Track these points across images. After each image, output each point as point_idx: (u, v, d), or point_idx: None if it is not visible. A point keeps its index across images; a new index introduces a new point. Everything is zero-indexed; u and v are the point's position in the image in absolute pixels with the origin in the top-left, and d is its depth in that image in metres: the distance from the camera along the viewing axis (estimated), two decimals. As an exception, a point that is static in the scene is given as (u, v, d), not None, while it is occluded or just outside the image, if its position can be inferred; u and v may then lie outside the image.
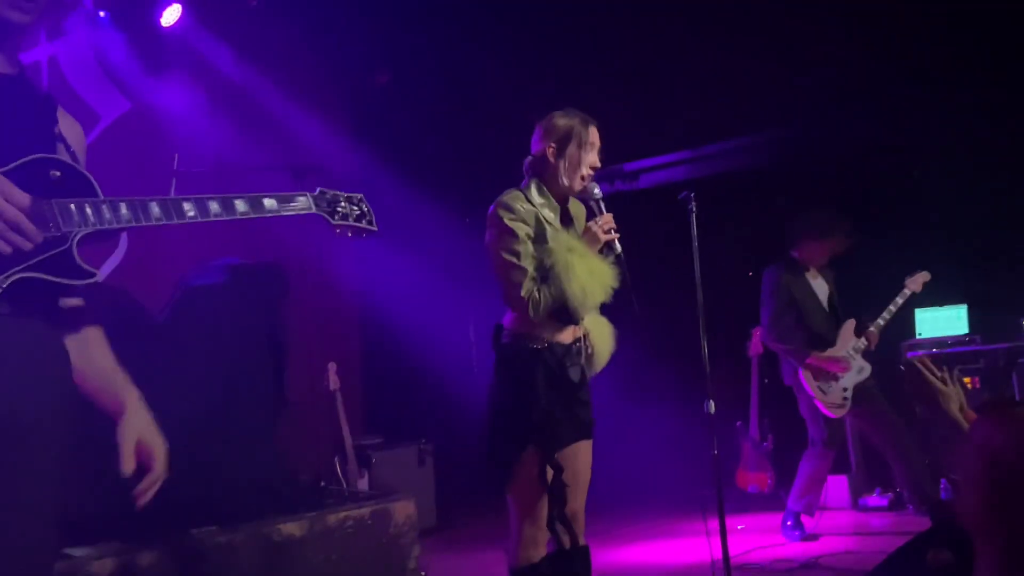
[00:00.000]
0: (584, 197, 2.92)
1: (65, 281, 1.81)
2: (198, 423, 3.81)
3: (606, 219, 2.87)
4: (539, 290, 2.75)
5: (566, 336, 2.85)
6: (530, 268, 2.77)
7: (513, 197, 2.86)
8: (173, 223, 1.87)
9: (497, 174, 3.11)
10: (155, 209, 1.86)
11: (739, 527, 5.50)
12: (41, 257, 1.75)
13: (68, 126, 2.02)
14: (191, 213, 1.89)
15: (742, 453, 6.37)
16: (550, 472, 2.73)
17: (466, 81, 7.25)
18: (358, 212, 2.23)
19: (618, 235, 2.88)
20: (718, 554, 3.57)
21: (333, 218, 2.16)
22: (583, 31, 6.77)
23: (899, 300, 5.37)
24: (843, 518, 5.68)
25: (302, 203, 2.10)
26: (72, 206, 1.80)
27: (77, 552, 3.09)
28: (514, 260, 2.77)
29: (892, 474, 5.42)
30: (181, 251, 6.13)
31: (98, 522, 3.32)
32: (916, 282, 5.41)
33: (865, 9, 5.92)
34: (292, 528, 3.67)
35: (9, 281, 1.70)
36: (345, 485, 5.50)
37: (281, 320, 4.38)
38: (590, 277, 2.79)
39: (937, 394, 2.03)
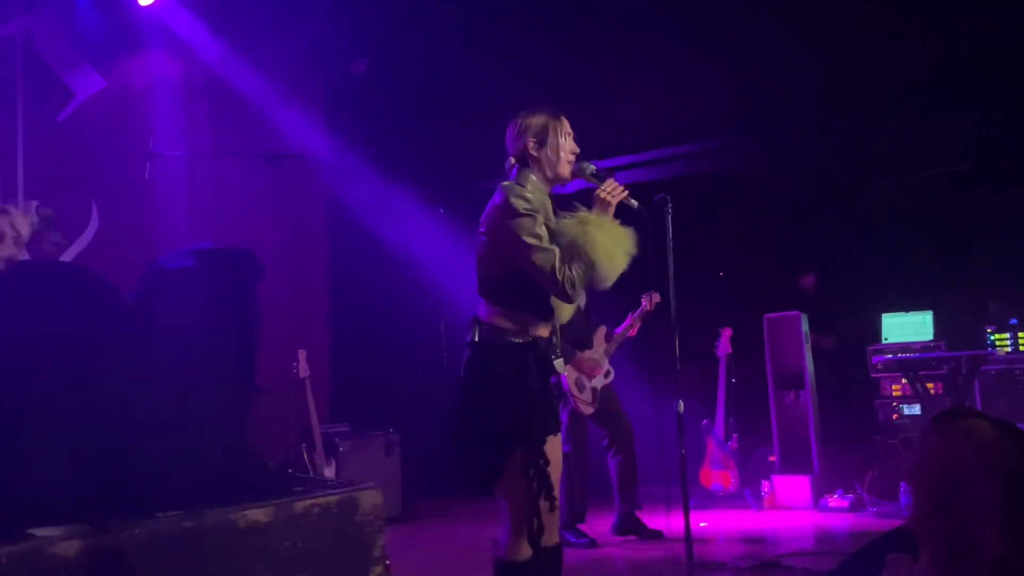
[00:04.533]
0: (580, 178, 2.92)
1: None
2: (165, 406, 3.80)
3: (609, 183, 2.85)
4: (570, 268, 2.70)
5: (543, 330, 2.85)
6: (556, 249, 2.73)
7: (520, 188, 2.82)
8: None
9: (472, 165, 3.12)
10: None
11: (701, 524, 5.57)
12: None
13: None
14: None
15: (707, 451, 6.44)
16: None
17: (441, 73, 7.25)
18: None
19: (627, 193, 2.85)
20: (681, 551, 3.62)
21: None
22: (559, 29, 6.79)
23: (635, 315, 5.50)
24: (805, 518, 5.77)
25: None
26: None
27: (41, 532, 3.07)
28: (538, 242, 2.71)
29: (853, 476, 5.51)
30: (153, 236, 6.08)
31: (64, 503, 3.30)
32: (650, 300, 5.48)
33: (839, 15, 6.00)
34: (258, 514, 3.66)
35: None
36: (312, 473, 5.49)
37: (251, 306, 4.35)
38: (614, 244, 2.75)
39: None
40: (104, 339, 3.71)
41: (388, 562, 4.39)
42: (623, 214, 2.86)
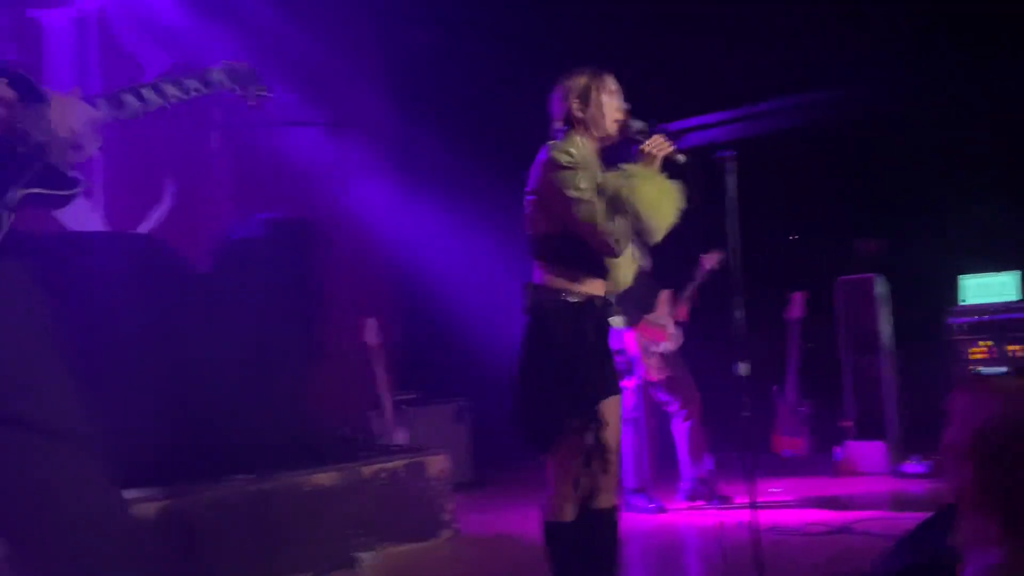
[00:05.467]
0: (628, 136, 2.87)
1: (62, 192, 1.89)
2: (236, 373, 3.90)
3: (656, 139, 2.79)
4: (613, 220, 2.66)
5: (598, 288, 2.82)
6: (600, 203, 2.70)
7: (566, 142, 2.79)
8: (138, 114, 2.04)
9: (538, 128, 3.08)
10: (102, 106, 1.97)
11: (772, 490, 5.50)
12: (32, 174, 1.82)
13: None
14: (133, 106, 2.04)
15: (778, 417, 6.34)
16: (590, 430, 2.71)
17: (505, 36, 7.18)
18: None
19: (673, 147, 2.80)
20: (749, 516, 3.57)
21: (243, 88, 2.31)
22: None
23: (699, 276, 5.41)
24: (880, 483, 5.65)
25: (218, 77, 2.24)
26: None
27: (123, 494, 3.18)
28: (582, 195, 2.67)
29: (931, 441, 5.35)
30: (223, 206, 6.21)
31: (141, 466, 3.42)
32: (710, 260, 5.39)
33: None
34: (325, 478, 3.74)
35: (20, 196, 1.79)
36: (381, 439, 5.58)
37: (319, 274, 4.44)
38: (660, 196, 2.71)
39: None
40: (176, 308, 3.83)
41: (457, 526, 4.45)
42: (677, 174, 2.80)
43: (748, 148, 3.75)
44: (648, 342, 5.25)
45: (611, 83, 2.88)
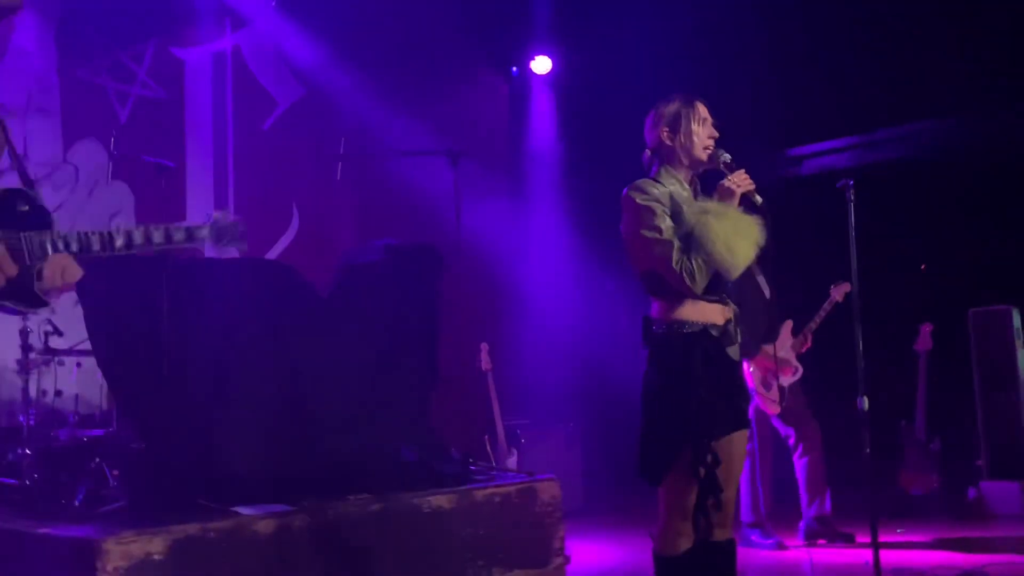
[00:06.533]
0: (714, 166, 2.87)
1: (26, 309, 2.17)
2: (355, 394, 4.00)
3: (738, 174, 2.78)
4: (689, 259, 2.67)
5: (718, 317, 2.79)
6: (675, 241, 2.71)
7: (643, 182, 2.84)
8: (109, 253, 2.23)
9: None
10: (95, 242, 2.21)
11: (898, 530, 5.27)
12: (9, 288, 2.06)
13: None
14: (119, 243, 2.23)
15: (905, 453, 6.08)
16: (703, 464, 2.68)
17: (623, 65, 7.18)
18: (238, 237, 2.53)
19: (753, 186, 2.78)
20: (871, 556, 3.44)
21: (219, 243, 2.48)
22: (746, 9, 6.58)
23: (826, 307, 5.22)
24: (1014, 527, 5.34)
25: (204, 234, 2.43)
26: (43, 240, 2.12)
27: (244, 511, 3.31)
28: (656, 235, 2.71)
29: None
30: (347, 232, 6.43)
31: (264, 484, 3.55)
32: (839, 291, 5.16)
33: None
34: (441, 500, 3.79)
35: None
36: (494, 463, 5.62)
37: (436, 299, 4.51)
38: (734, 233, 2.69)
39: None
40: (301, 330, 3.97)
41: (568, 554, 4.43)
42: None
43: (877, 175, 3.65)
44: (769, 374, 5.12)
45: (702, 110, 2.88)
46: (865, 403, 3.32)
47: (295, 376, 3.87)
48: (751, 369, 5.05)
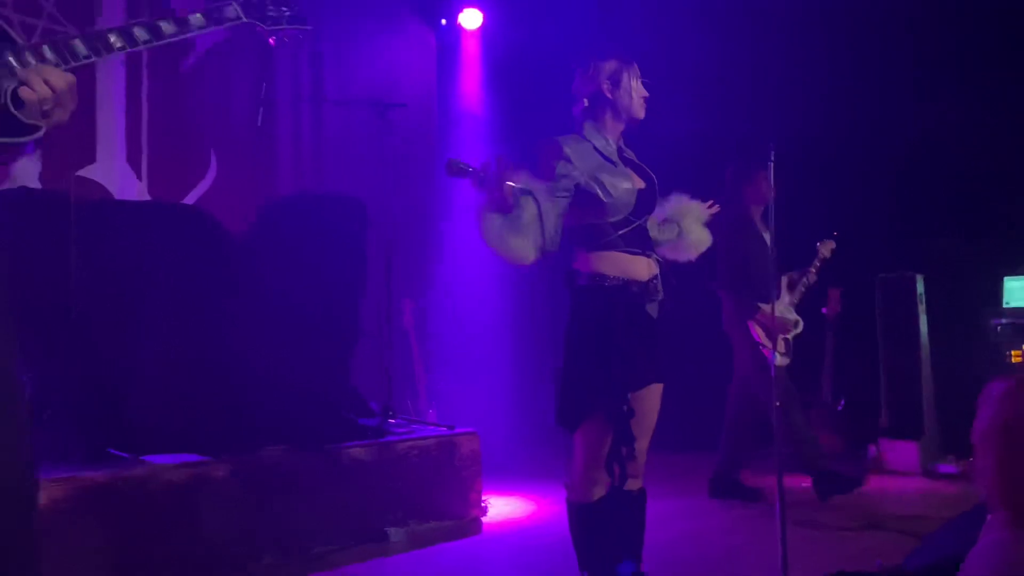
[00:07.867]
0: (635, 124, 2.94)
1: (12, 140, 1.77)
2: (272, 344, 3.95)
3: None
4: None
5: (642, 272, 2.82)
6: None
7: (566, 138, 2.86)
8: (102, 58, 1.86)
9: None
10: (80, 47, 1.83)
11: (802, 486, 5.46)
12: None
13: None
14: (118, 44, 1.88)
15: (811, 413, 6.28)
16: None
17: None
18: (289, 13, 2.13)
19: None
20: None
21: (265, 23, 2.09)
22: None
23: (816, 263, 5.30)
24: (912, 483, 5.59)
25: (230, 12, 2.04)
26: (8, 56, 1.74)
27: (155, 460, 3.25)
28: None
29: (967, 443, 5.26)
30: (268, 181, 6.28)
31: (176, 434, 3.49)
32: (826, 247, 5.29)
33: None
34: (359, 452, 3.78)
35: None
36: (414, 417, 5.63)
37: (359, 252, 4.46)
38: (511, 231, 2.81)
39: None
40: (214, 276, 3.88)
41: (485, 505, 4.48)
42: None
43: (794, 143, 3.72)
44: (771, 329, 5.07)
45: (638, 70, 2.93)
46: (778, 359, 3.41)
47: (209, 323, 3.79)
48: (755, 328, 5.00)
